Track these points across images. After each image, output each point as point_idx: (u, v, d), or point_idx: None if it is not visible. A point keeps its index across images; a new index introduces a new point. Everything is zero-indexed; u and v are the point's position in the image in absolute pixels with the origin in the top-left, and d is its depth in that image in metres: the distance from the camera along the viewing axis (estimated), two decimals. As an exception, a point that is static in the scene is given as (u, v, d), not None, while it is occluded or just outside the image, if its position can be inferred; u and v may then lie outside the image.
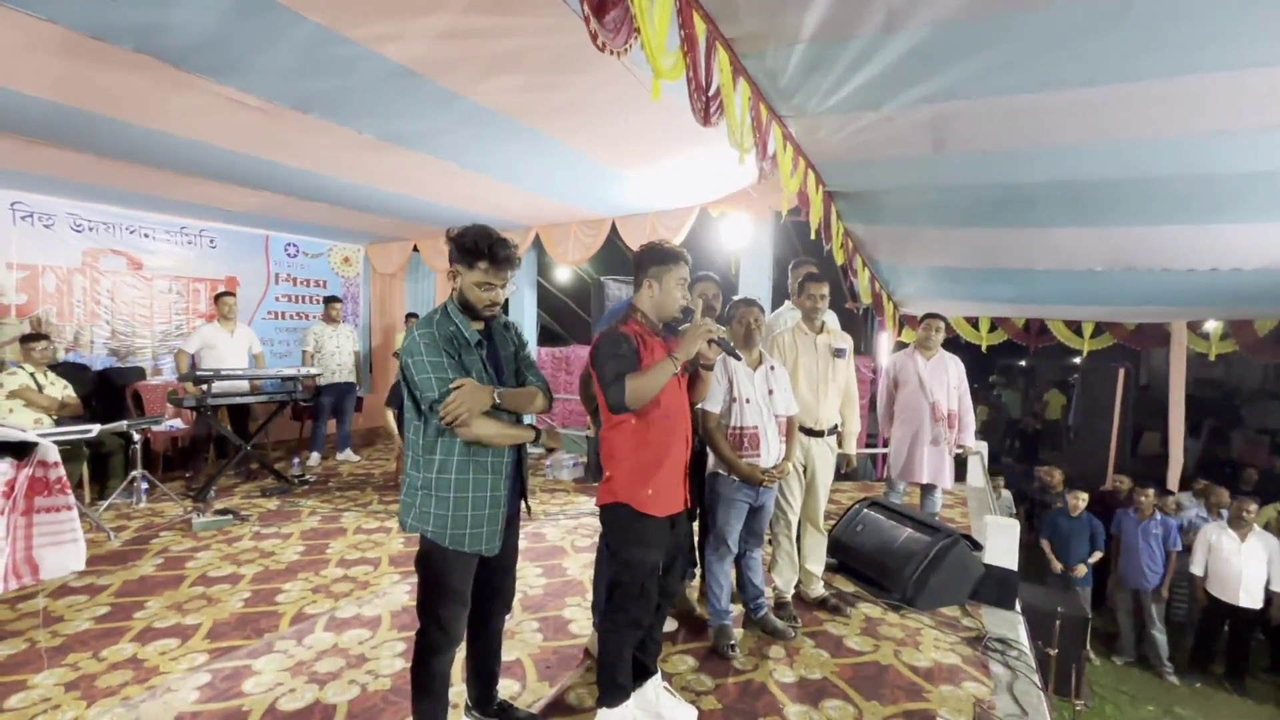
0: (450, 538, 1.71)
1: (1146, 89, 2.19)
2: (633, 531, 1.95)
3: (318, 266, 7.27)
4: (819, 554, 3.11)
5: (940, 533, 3.20)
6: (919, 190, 3.56)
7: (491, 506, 1.75)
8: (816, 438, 2.96)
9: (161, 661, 2.43)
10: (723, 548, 2.62)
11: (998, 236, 4.11)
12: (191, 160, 3.96)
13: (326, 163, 4.02)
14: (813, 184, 3.31)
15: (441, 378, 1.65)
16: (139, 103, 3.04)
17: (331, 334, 5.91)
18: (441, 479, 1.71)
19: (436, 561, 1.73)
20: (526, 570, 3.39)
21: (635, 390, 1.85)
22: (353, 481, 5.29)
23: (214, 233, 6.27)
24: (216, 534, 3.90)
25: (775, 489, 2.71)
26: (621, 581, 1.97)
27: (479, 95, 2.94)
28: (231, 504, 4.50)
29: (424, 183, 4.45)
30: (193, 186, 4.67)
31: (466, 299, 1.73)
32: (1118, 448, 8.20)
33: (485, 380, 1.75)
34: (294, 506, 4.53)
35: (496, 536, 1.77)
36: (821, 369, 2.98)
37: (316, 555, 3.59)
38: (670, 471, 1.99)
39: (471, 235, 1.69)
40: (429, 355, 1.65)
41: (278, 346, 6.79)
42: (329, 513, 4.39)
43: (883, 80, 2.32)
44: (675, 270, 1.98)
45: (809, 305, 3.00)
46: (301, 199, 5.06)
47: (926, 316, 4.10)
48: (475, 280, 1.70)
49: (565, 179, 4.39)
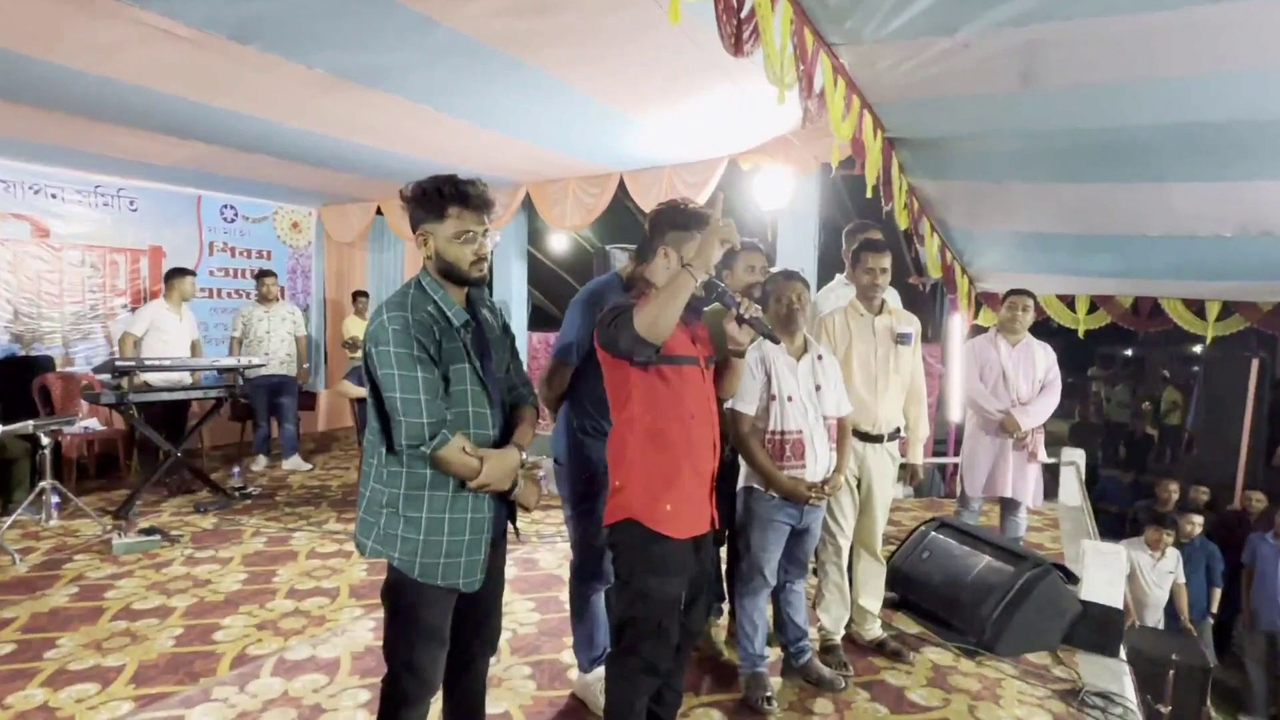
0: (421, 568, 1.71)
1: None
2: (648, 556, 1.94)
3: (261, 233, 7.32)
4: (876, 587, 3.10)
5: (1026, 561, 3.19)
6: (1002, 136, 3.52)
7: (472, 531, 1.75)
8: (874, 444, 2.94)
9: (78, 711, 2.47)
10: (758, 579, 2.62)
11: (1100, 194, 4.05)
12: (107, 103, 3.98)
13: (271, 106, 4.03)
14: (870, 129, 3.27)
15: (427, 401, 1.62)
16: (40, 33, 3.05)
17: (263, 315, 5.96)
18: (410, 495, 1.70)
19: (407, 595, 1.73)
20: (515, 604, 3.40)
21: (649, 315, 1.76)
22: (305, 495, 5.34)
23: (135, 193, 6.33)
24: (142, 558, 3.94)
25: (823, 507, 2.70)
26: (635, 619, 1.96)
27: (456, 20, 2.93)
28: (159, 522, 4.56)
29: (390, 130, 4.45)
30: (109, 136, 4.70)
31: (446, 262, 1.72)
32: (1249, 457, 8.09)
33: (472, 371, 1.73)
34: (234, 525, 4.57)
35: (479, 567, 1.77)
36: (881, 359, 2.96)
37: (262, 584, 3.62)
38: (694, 482, 1.98)
39: (430, 182, 1.70)
40: (399, 348, 1.62)
41: (212, 331, 6.86)
42: (276, 533, 4.44)
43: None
44: (699, 237, 1.95)
45: (866, 280, 2.98)
46: (241, 151, 5.08)
47: (1011, 294, 4.06)
48: (451, 232, 1.69)
49: (562, 125, 4.38)
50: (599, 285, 2.53)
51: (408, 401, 1.63)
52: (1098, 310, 7.25)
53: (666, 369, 1.93)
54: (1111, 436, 11.80)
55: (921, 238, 4.88)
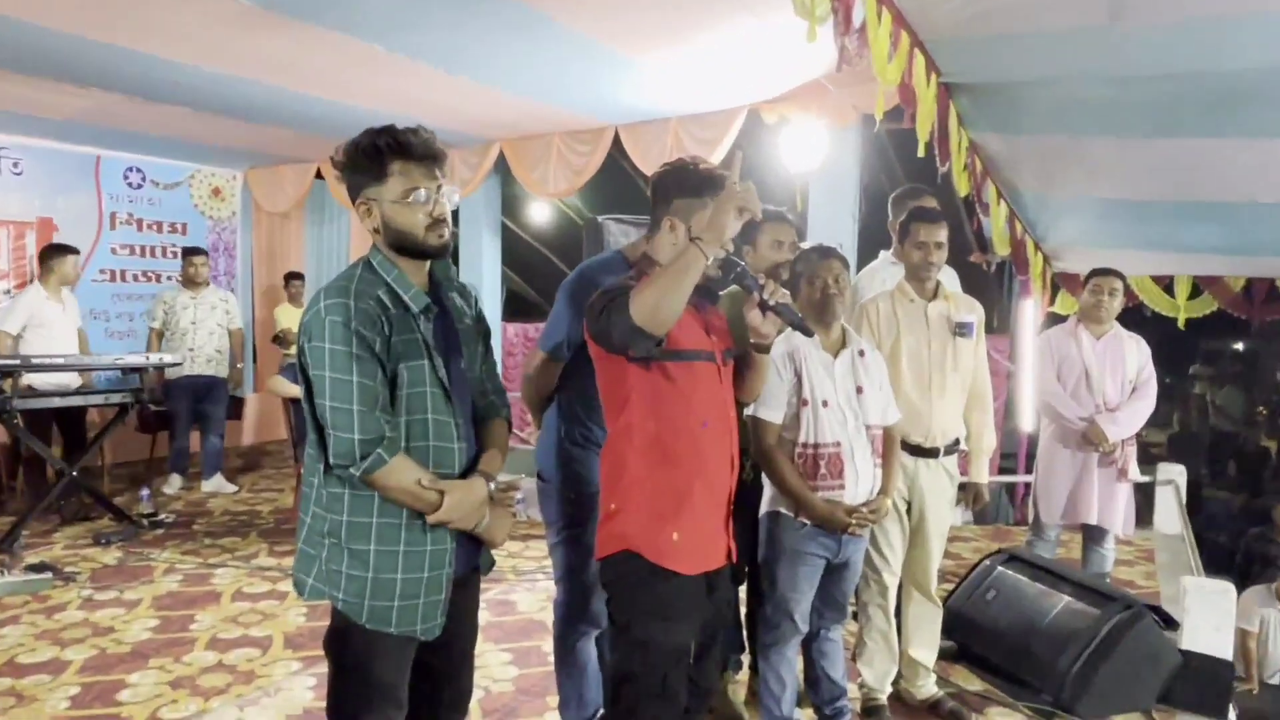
0: (370, 611, 1.70)
1: None
2: (650, 596, 1.94)
3: (174, 202, 7.34)
4: (930, 635, 3.11)
5: (1114, 602, 3.20)
6: (1086, 81, 3.52)
7: (432, 566, 1.74)
8: (928, 459, 2.95)
9: (-49, 789, 2.48)
10: (785, 624, 2.62)
11: (1206, 151, 4.05)
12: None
13: (186, 44, 4.03)
14: (922, 72, 3.27)
15: (361, 413, 1.61)
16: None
17: (189, 303, 5.95)
18: (355, 524, 1.69)
19: (354, 645, 1.73)
20: (488, 656, 3.41)
21: (649, 300, 1.73)
22: (229, 524, 5.34)
23: (19, 153, 6.34)
24: (30, 600, 3.94)
25: (865, 537, 2.70)
26: (633, 673, 1.96)
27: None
28: (51, 556, 4.55)
29: (332, 75, 4.45)
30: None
31: (397, 230, 1.70)
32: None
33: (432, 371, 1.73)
34: (143, 560, 4.57)
35: (439, 610, 1.76)
36: (935, 355, 2.96)
37: (177, 633, 3.62)
38: (707, 505, 1.98)
39: (364, 136, 1.69)
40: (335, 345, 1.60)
41: (116, 322, 6.88)
42: (195, 569, 4.43)
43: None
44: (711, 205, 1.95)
45: (918, 258, 2.97)
46: (149, 101, 5.10)
47: (1096, 274, 4.07)
48: (398, 192, 1.68)
49: (545, 68, 4.38)
50: (595, 265, 2.52)
51: (338, 411, 1.62)
52: (1202, 295, 7.26)
53: (673, 366, 1.92)
54: (1219, 450, 11.81)
55: (986, 206, 4.88)
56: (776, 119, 5.03)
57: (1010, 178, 4.94)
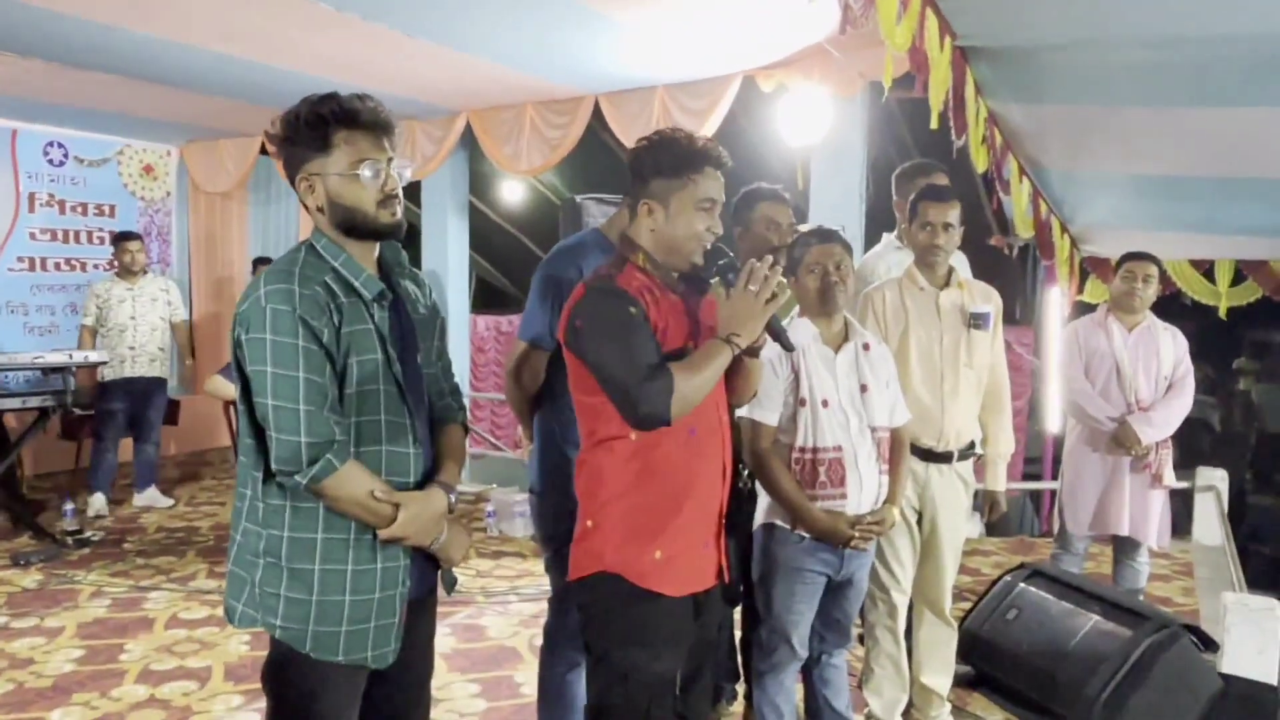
0: (314, 639, 1.69)
1: None
2: (630, 622, 1.95)
3: (101, 181, 7.30)
4: (944, 659, 3.13)
5: (1148, 622, 3.22)
6: (1116, 44, 3.53)
7: (384, 586, 1.73)
8: (940, 464, 2.97)
9: None
10: (783, 649, 2.63)
11: (1252, 122, 4.08)
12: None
13: (111, 6, 4.00)
14: (934, 34, 3.27)
15: (308, 413, 1.59)
16: None
17: (125, 295, 5.90)
18: (297, 540, 1.68)
19: (297, 677, 1.71)
20: (454, 688, 3.42)
21: (686, 394, 1.82)
22: (164, 541, 5.32)
23: (-78, 126, 6.28)
24: (-63, 629, 3.92)
25: (871, 551, 2.71)
26: (612, 706, 1.97)
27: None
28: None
29: (277, 38, 4.44)
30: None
31: (344, 207, 1.69)
32: None
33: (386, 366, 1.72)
34: (67, 583, 4.55)
35: (392, 634, 1.76)
36: (948, 348, 2.98)
37: (104, 664, 3.60)
38: (696, 520, 1.99)
39: (303, 105, 1.68)
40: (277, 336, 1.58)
41: (36, 315, 6.83)
42: (124, 594, 4.42)
43: None
44: (696, 184, 1.94)
45: (926, 240, 2.98)
46: (71, 67, 5.06)
47: (1128, 259, 4.09)
48: (345, 164, 1.67)
49: (515, 30, 4.37)
50: (572, 245, 2.55)
51: (281, 411, 1.60)
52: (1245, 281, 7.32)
53: None
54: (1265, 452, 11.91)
55: (1006, 184, 4.89)
56: (774, 87, 5.02)
57: (1034, 152, 4.96)
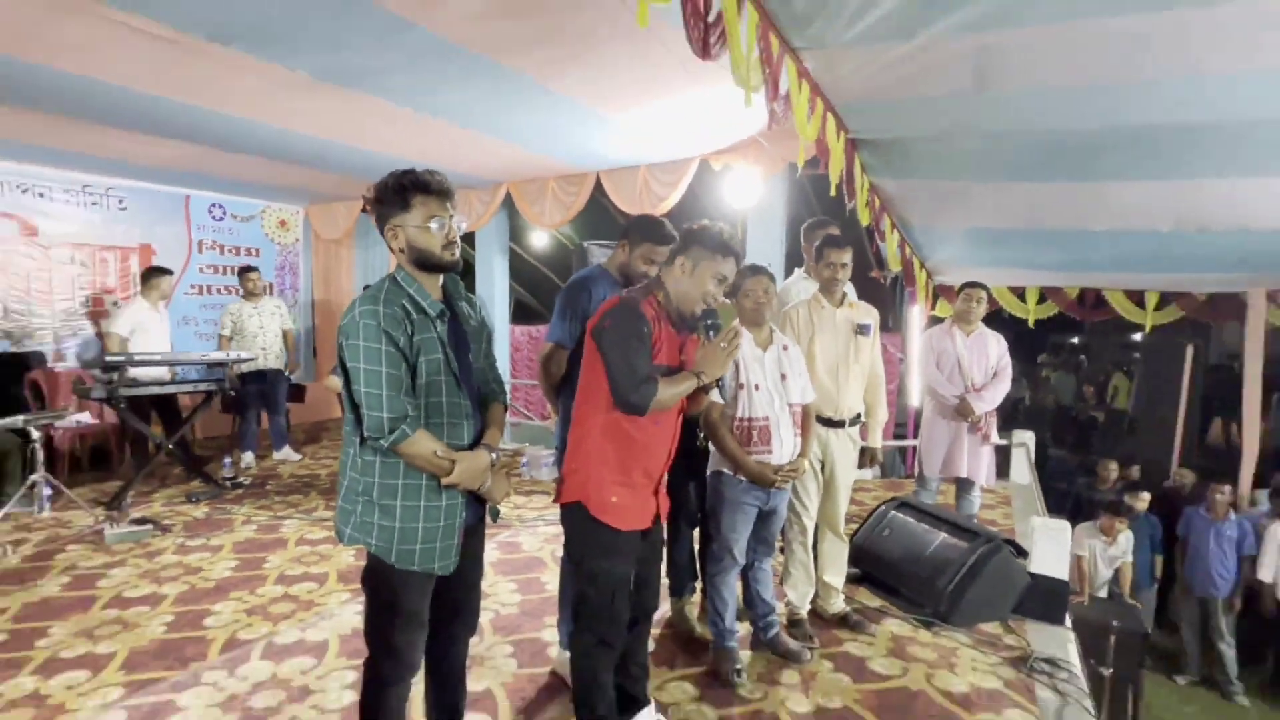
0: (398, 554, 1.68)
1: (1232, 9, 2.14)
2: (595, 540, 1.96)
3: (249, 232, 7.19)
4: (839, 564, 3.12)
5: (980, 537, 3.22)
6: (959, 137, 3.51)
7: (446, 517, 1.72)
8: (837, 429, 2.95)
9: (69, 698, 2.41)
10: (727, 558, 2.62)
11: (1050, 192, 4.07)
12: (89, 103, 3.86)
13: (254, 107, 3.94)
14: (833, 130, 3.25)
15: (389, 396, 1.59)
16: (19, 33, 2.94)
17: (253, 311, 5.81)
18: (385, 485, 1.67)
19: (386, 580, 1.70)
20: (498, 586, 3.39)
21: (661, 402, 1.87)
22: (294, 484, 5.26)
23: (124, 192, 6.17)
24: (134, 547, 3.86)
25: (788, 490, 2.70)
26: (586, 597, 1.98)
27: (435, 25, 2.87)
28: (151, 512, 4.46)
29: (373, 131, 4.37)
30: (93, 135, 4.58)
31: (419, 249, 1.68)
32: (1184, 437, 8.26)
33: (446, 363, 1.70)
34: (225, 514, 4.50)
35: (452, 551, 1.74)
36: (842, 348, 2.96)
37: (252, 571, 3.56)
38: (642, 482, 2.00)
39: (391, 177, 1.69)
40: (367, 342, 1.58)
41: (203, 326, 6.73)
42: (266, 521, 4.37)
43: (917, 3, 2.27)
44: (722, 265, 1.95)
45: (828, 274, 2.97)
46: (226, 151, 4.97)
47: (966, 286, 4.10)
48: (420, 219, 1.66)
49: (541, 125, 4.32)
50: (584, 275, 2.55)
51: (370, 395, 1.59)
52: (1046, 301, 7.35)
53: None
54: (1059, 419, 11.98)
55: (882, 234, 4.87)
56: (722, 166, 5.00)
57: (902, 213, 4.94)
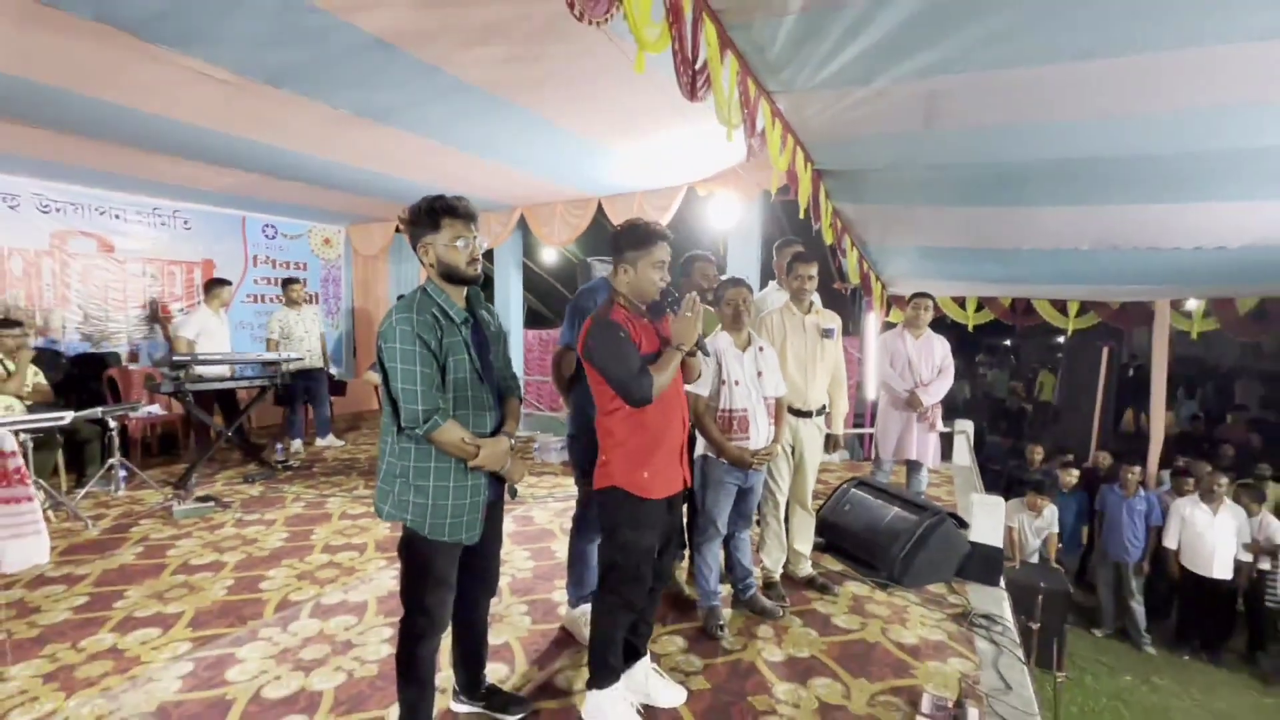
0: (430, 527, 1.68)
1: (1144, 62, 2.16)
2: (629, 515, 1.94)
3: (297, 248, 7.13)
4: (807, 534, 3.13)
5: (927, 511, 3.23)
6: (909, 168, 3.53)
7: (472, 495, 1.73)
8: (805, 419, 2.96)
9: (143, 651, 2.40)
10: (711, 529, 2.63)
11: (988, 215, 4.10)
12: (159, 137, 3.83)
13: (301, 140, 3.91)
14: (801, 162, 3.26)
15: (423, 391, 1.59)
16: (100, 75, 2.92)
17: (297, 318, 5.77)
18: (419, 467, 1.67)
19: (419, 549, 1.70)
20: (515, 554, 3.38)
21: (660, 383, 1.86)
22: (337, 466, 5.24)
23: (188, 213, 6.11)
24: (198, 521, 3.84)
25: (764, 471, 2.71)
26: (617, 564, 1.96)
27: (457, 68, 2.86)
28: (214, 491, 4.43)
29: (404, 160, 4.35)
30: (162, 165, 4.54)
31: (446, 264, 1.68)
32: (1101, 425, 8.32)
33: (470, 364, 1.70)
34: (277, 492, 4.47)
35: (477, 525, 1.75)
36: (810, 349, 2.97)
37: (301, 542, 3.55)
38: (667, 453, 1.98)
39: (424, 201, 1.69)
40: (404, 345, 1.58)
41: (258, 330, 6.67)
42: (313, 498, 4.35)
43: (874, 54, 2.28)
44: (651, 253, 1.93)
45: (796, 285, 2.98)
46: (278, 178, 4.93)
47: (915, 296, 4.10)
48: (448, 239, 1.67)
49: (550, 156, 4.31)
50: (590, 287, 2.54)
51: (407, 391, 1.59)
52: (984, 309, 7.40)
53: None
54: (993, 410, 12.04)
55: (844, 251, 4.90)
56: (707, 193, 4.99)
57: (860, 233, 4.97)
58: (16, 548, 2.27)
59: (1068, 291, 6.72)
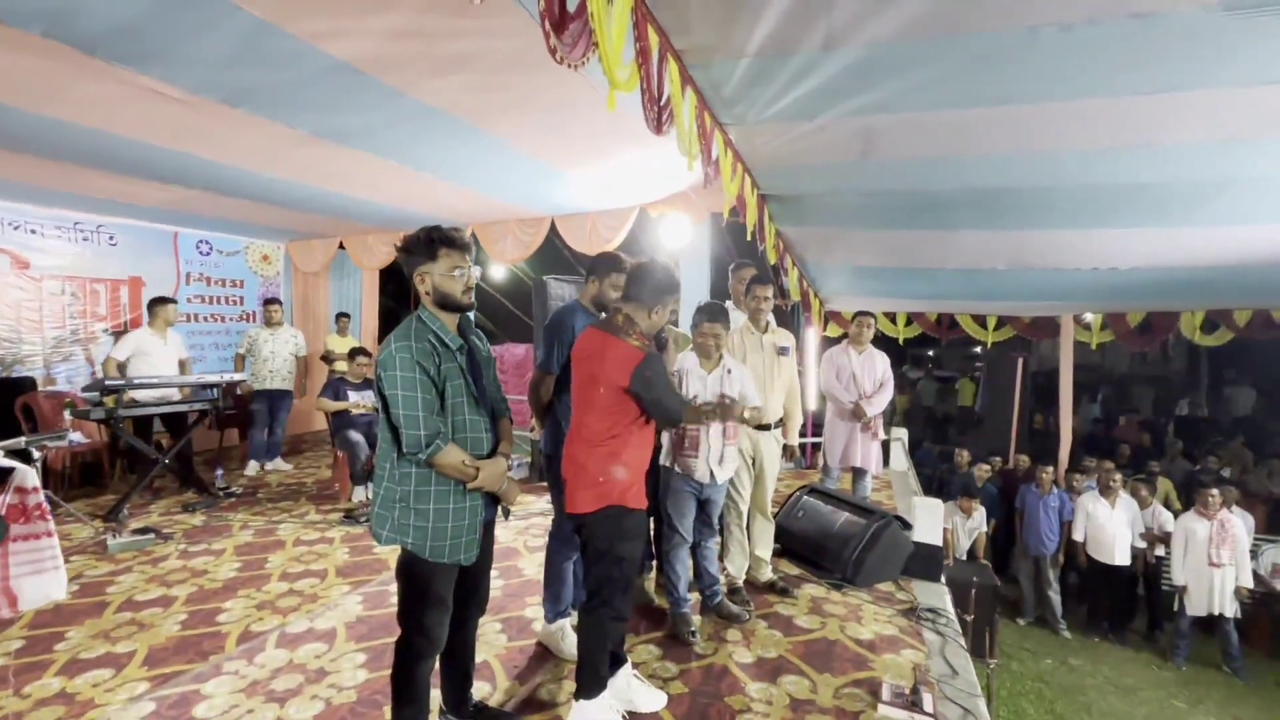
0: (431, 549, 1.70)
1: (1052, 109, 2.45)
2: (628, 528, 2.04)
3: (233, 265, 6.83)
4: (767, 540, 3.25)
5: (875, 515, 3.40)
6: (846, 194, 3.74)
7: (470, 516, 1.76)
8: (764, 431, 3.08)
9: (96, 694, 2.27)
10: (676, 536, 2.72)
11: (915, 238, 4.39)
12: (92, 151, 3.63)
13: (248, 156, 3.79)
14: (749, 187, 3.42)
15: (424, 417, 1.62)
16: (38, 90, 2.78)
17: (269, 337, 5.57)
18: (419, 491, 1.70)
19: (419, 571, 1.72)
20: (481, 573, 3.36)
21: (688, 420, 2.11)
22: (284, 492, 5.03)
23: (114, 229, 5.77)
24: (137, 555, 3.62)
25: (722, 485, 2.80)
26: (613, 578, 2.03)
27: (423, 94, 2.88)
28: (150, 522, 4.18)
29: (354, 178, 4.27)
30: (89, 179, 4.28)
31: (443, 293, 1.72)
32: (1019, 429, 8.96)
33: (466, 389, 1.74)
34: (222, 520, 4.27)
35: (475, 545, 1.79)
36: (768, 367, 3.11)
37: (256, 570, 3.42)
38: (641, 477, 2.10)
39: (423, 232, 1.73)
40: (404, 373, 1.61)
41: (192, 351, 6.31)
42: (262, 525, 4.17)
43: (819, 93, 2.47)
44: (670, 302, 2.13)
45: (754, 306, 3.13)
46: (217, 194, 4.73)
47: (859, 314, 4.35)
48: (445, 269, 1.71)
49: (506, 177, 4.33)
50: (563, 310, 2.56)
51: (409, 417, 1.62)
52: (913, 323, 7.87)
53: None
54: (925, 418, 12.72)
55: (785, 270, 5.11)
56: (659, 214, 5.10)
57: (800, 253, 5.20)
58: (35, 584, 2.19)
59: (987, 307, 7.25)
